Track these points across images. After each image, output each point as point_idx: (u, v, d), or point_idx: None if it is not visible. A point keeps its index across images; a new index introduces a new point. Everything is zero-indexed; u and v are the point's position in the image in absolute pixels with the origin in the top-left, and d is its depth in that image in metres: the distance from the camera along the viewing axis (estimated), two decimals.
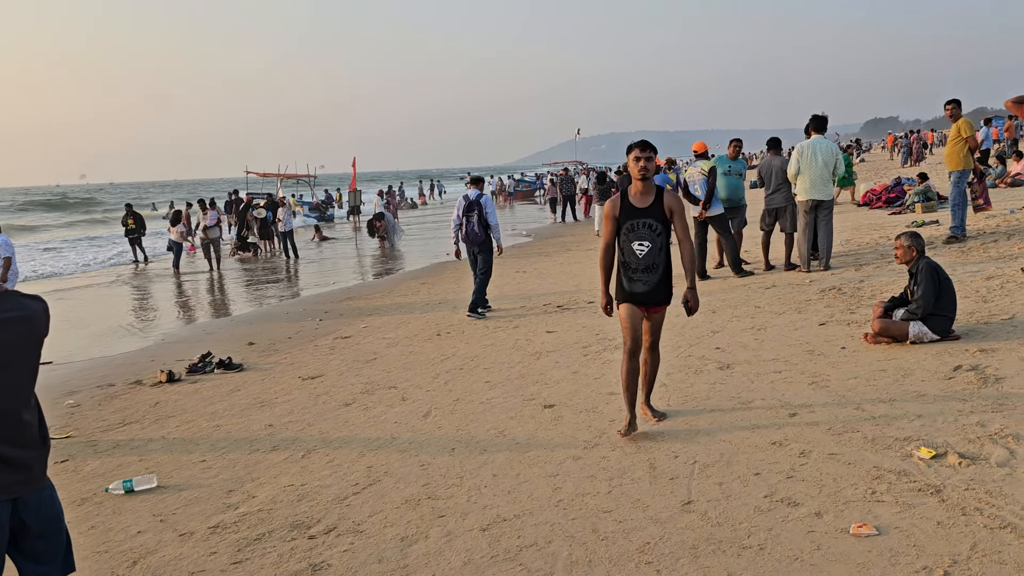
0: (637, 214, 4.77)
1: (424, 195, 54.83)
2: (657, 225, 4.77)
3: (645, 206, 4.78)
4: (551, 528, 3.82)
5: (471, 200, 9.83)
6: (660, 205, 4.79)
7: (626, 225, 4.79)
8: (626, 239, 4.81)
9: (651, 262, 4.78)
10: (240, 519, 4.32)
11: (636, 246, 4.77)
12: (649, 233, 4.76)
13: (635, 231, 4.77)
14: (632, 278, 4.83)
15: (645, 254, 4.77)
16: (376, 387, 6.92)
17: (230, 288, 16.45)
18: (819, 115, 10.07)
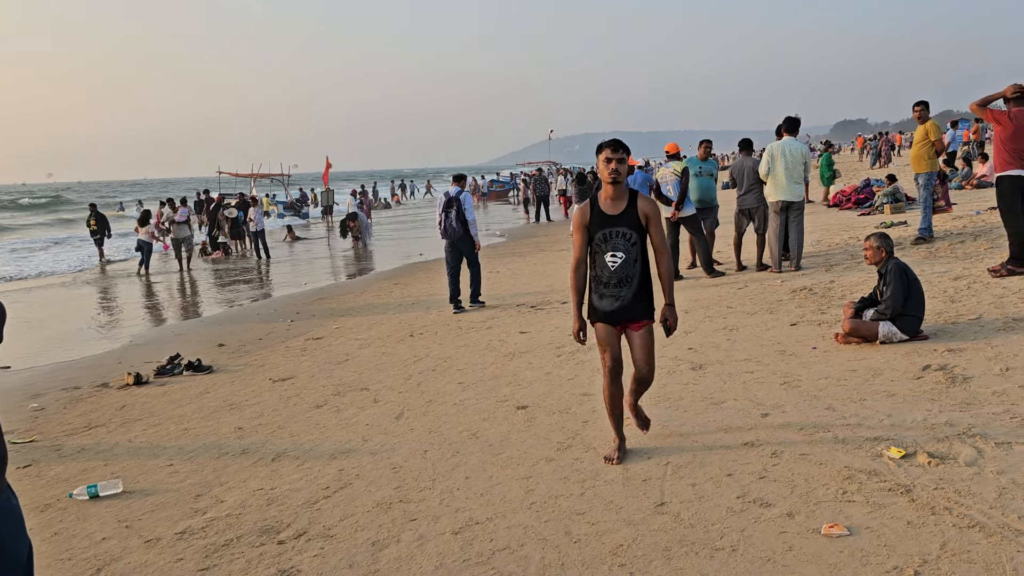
0: (609, 222, 4.27)
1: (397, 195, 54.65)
2: (631, 234, 4.27)
3: (617, 213, 4.28)
4: (524, 531, 3.79)
5: (451, 197, 10.17)
6: (634, 211, 4.29)
7: (598, 235, 4.29)
8: (598, 250, 4.31)
9: (624, 274, 4.28)
10: (208, 524, 4.25)
11: (608, 258, 4.27)
12: (623, 243, 4.27)
13: (608, 241, 4.27)
14: (603, 293, 4.34)
15: (618, 266, 4.27)
16: (348, 389, 6.85)
17: (200, 289, 16.25)
18: (792, 117, 10.16)
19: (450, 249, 10.36)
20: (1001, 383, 5.06)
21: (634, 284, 4.31)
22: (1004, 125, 7.87)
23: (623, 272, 4.29)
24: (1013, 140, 7.86)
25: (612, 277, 4.29)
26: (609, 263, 4.28)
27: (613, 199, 4.32)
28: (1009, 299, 7.07)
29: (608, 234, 4.28)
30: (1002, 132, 7.93)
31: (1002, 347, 5.77)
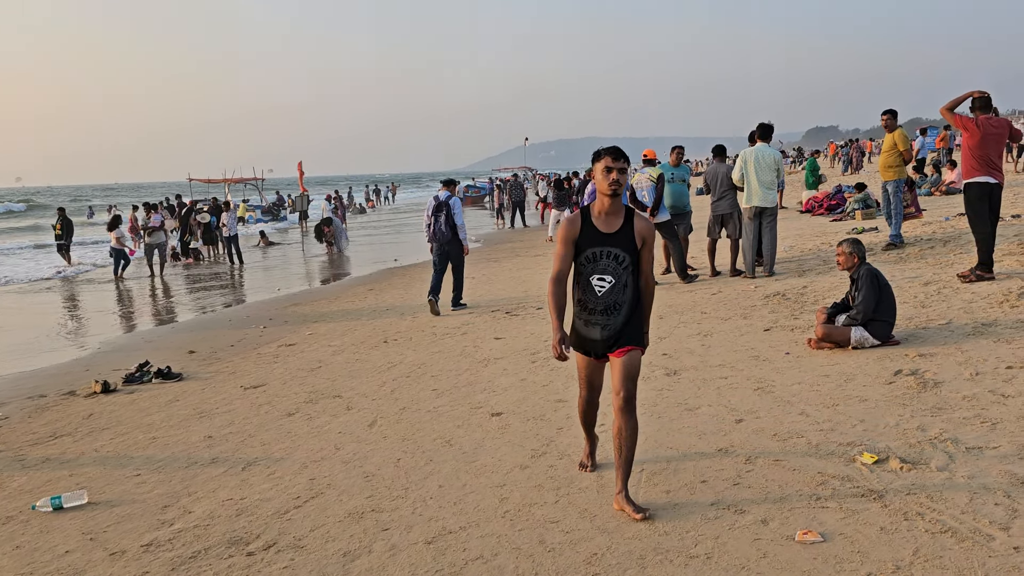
0: (601, 240, 3.82)
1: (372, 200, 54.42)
2: (624, 256, 3.82)
3: (612, 231, 3.83)
4: (497, 540, 3.75)
5: (440, 201, 10.23)
6: (630, 231, 3.84)
7: (586, 253, 3.83)
8: (584, 270, 3.86)
9: (613, 301, 3.86)
10: (175, 536, 4.16)
11: (595, 281, 3.83)
12: (613, 266, 3.82)
13: (596, 262, 3.82)
14: (589, 321, 3.91)
15: (605, 291, 3.84)
16: (320, 396, 6.77)
17: (171, 295, 16.04)
18: (764, 123, 10.24)
19: (439, 252, 10.38)
20: (971, 388, 5.11)
21: (623, 311, 3.88)
22: (972, 132, 7.97)
23: (611, 299, 3.86)
24: (980, 147, 7.97)
25: (599, 303, 3.86)
26: (596, 287, 3.85)
27: (608, 214, 3.85)
28: (978, 304, 7.15)
29: (598, 254, 3.83)
30: (970, 139, 8.03)
31: (972, 352, 5.83)
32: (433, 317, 10.16)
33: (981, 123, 7.95)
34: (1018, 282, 7.70)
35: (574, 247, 3.87)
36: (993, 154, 8.04)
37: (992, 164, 8.01)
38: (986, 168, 7.98)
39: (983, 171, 7.97)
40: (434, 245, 10.40)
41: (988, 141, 7.95)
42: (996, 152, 8.09)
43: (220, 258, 22.61)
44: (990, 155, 7.98)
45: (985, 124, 7.95)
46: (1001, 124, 8.11)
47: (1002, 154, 8.34)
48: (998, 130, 8.01)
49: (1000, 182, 8.05)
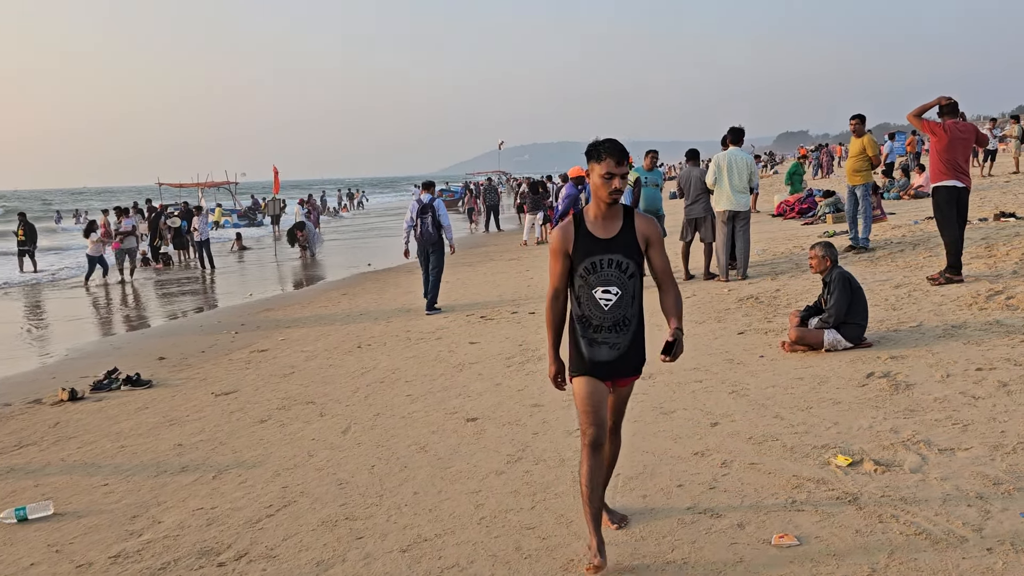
0: (600, 248, 3.34)
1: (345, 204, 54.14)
2: (628, 263, 3.34)
3: (611, 236, 3.35)
4: (473, 547, 3.72)
5: (424, 203, 10.53)
6: (631, 233, 3.37)
7: (585, 264, 3.35)
8: (584, 284, 3.37)
9: (621, 316, 3.36)
10: (144, 547, 4.07)
11: (600, 294, 3.33)
12: (618, 275, 3.33)
13: (598, 272, 3.33)
14: (594, 340, 3.39)
15: (613, 305, 3.34)
16: (293, 402, 6.69)
17: (141, 300, 15.81)
18: (736, 127, 10.29)
19: (422, 253, 10.67)
20: (942, 389, 5.16)
21: (632, 327, 3.41)
22: (939, 137, 8.08)
23: (619, 313, 3.36)
24: (948, 151, 8.08)
25: (606, 319, 3.36)
26: (601, 302, 3.34)
27: (605, 218, 3.38)
28: (948, 307, 7.24)
29: (598, 263, 3.34)
30: (937, 144, 8.13)
31: (942, 354, 5.89)
32: (407, 322, 10.10)
33: (948, 128, 8.05)
34: (986, 285, 7.81)
35: (567, 259, 3.40)
36: (960, 158, 8.15)
37: (960, 168, 8.11)
38: (954, 172, 8.08)
39: (951, 175, 8.07)
40: (418, 246, 10.66)
41: (955, 146, 8.06)
42: (963, 156, 8.20)
43: (191, 263, 22.34)
44: (957, 159, 8.09)
45: (952, 129, 8.06)
46: (968, 129, 8.22)
47: (969, 158, 8.46)
48: (965, 135, 8.13)
49: (967, 186, 8.16)
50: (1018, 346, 5.85)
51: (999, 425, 4.47)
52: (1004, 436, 4.31)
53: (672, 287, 3.44)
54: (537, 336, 8.35)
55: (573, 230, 3.41)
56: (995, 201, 15.12)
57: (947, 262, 8.22)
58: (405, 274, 15.92)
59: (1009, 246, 9.62)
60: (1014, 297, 7.21)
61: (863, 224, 11.00)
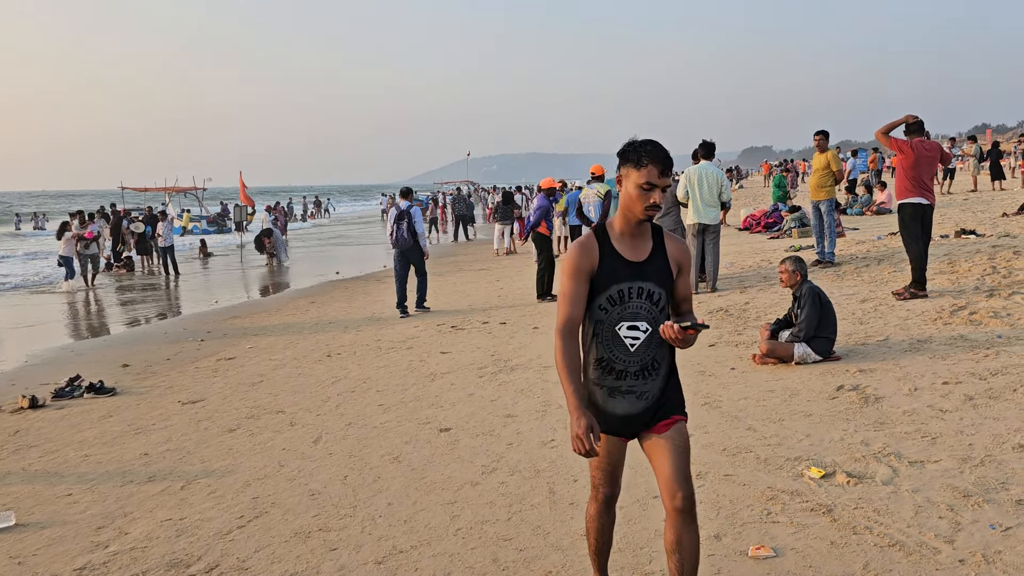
0: (629, 273, 2.70)
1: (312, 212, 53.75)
2: (660, 293, 2.73)
3: (642, 259, 2.73)
4: (450, 559, 3.68)
5: (401, 210, 10.95)
6: (663, 257, 2.76)
7: (609, 292, 2.70)
8: (606, 316, 2.71)
9: (650, 358, 2.73)
10: (110, 559, 3.97)
11: (626, 331, 2.70)
12: (648, 308, 2.71)
13: (624, 303, 2.70)
14: (615, 388, 2.73)
15: (641, 345, 2.70)
16: (262, 411, 6.59)
17: (104, 306, 15.51)
18: (707, 141, 10.41)
19: (399, 258, 11.08)
20: (910, 403, 5.24)
21: (663, 370, 2.77)
22: (906, 154, 8.24)
23: (648, 354, 2.72)
24: (914, 169, 8.25)
25: (631, 363, 2.71)
26: (627, 341, 2.70)
27: (634, 236, 2.75)
28: (913, 321, 7.37)
29: (626, 292, 2.69)
30: (904, 161, 8.30)
31: (909, 367, 5.99)
32: (377, 331, 10.03)
33: (915, 146, 8.22)
34: (950, 300, 7.97)
35: (586, 283, 2.71)
36: (926, 176, 8.32)
37: (925, 185, 8.29)
38: (919, 189, 8.25)
39: (916, 192, 8.24)
40: (395, 251, 11.11)
41: (921, 163, 8.23)
42: (928, 174, 8.38)
43: (155, 269, 21.99)
44: (923, 177, 8.26)
45: (919, 147, 8.23)
46: (933, 147, 8.40)
47: (934, 176, 8.65)
48: (931, 153, 8.30)
49: (932, 203, 8.34)
50: (982, 361, 5.97)
51: (966, 438, 4.55)
52: (972, 449, 4.39)
53: (692, 316, 2.84)
54: (508, 346, 8.34)
55: (597, 246, 2.72)
56: (955, 218, 15.48)
57: (912, 277, 8.37)
58: (374, 283, 15.84)
59: (970, 262, 9.83)
60: (977, 313, 7.37)
61: (828, 239, 11.18)
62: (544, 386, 6.59)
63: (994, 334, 6.65)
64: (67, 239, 18.06)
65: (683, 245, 2.84)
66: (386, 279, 16.31)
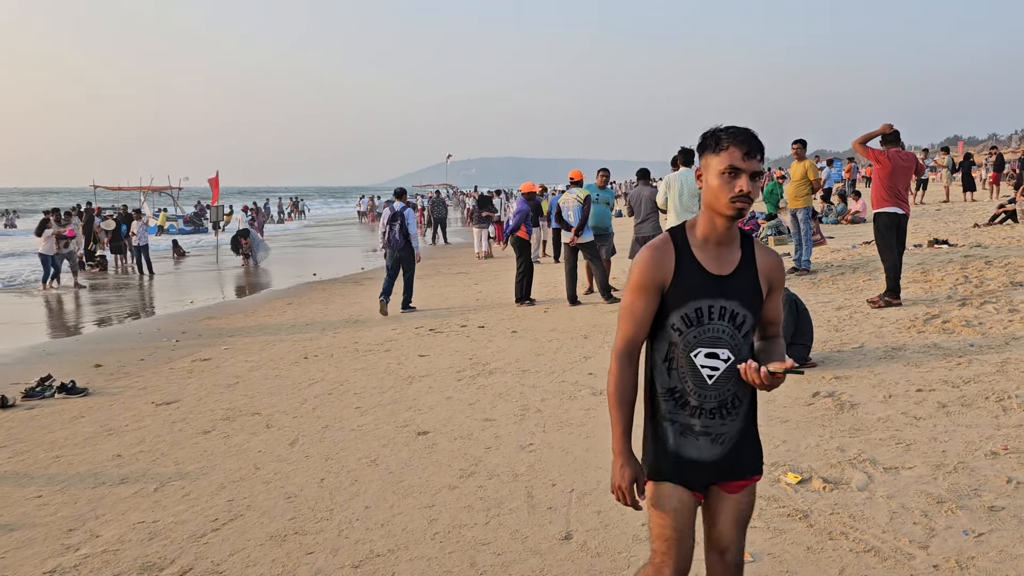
0: (711, 289, 2.24)
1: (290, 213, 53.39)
2: (745, 315, 2.26)
3: (728, 271, 2.27)
4: (427, 563, 3.66)
5: (395, 212, 11.17)
6: (752, 270, 2.29)
7: (685, 311, 2.24)
8: (680, 339, 2.25)
9: (731, 394, 2.26)
10: (81, 562, 3.91)
11: (703, 359, 2.23)
12: (730, 332, 2.24)
13: (703, 325, 2.23)
14: (688, 427, 2.26)
15: (720, 377, 2.24)
16: (238, 413, 6.53)
17: (77, 305, 15.29)
18: (687, 148, 10.46)
19: (392, 258, 11.28)
20: (885, 409, 5.30)
21: (743, 408, 2.31)
22: (883, 164, 8.34)
23: (728, 389, 2.26)
24: (891, 179, 8.35)
25: (708, 398, 2.24)
26: (704, 371, 2.23)
27: (720, 244, 2.28)
28: (888, 329, 7.45)
29: (705, 312, 2.23)
30: (881, 171, 8.40)
31: (884, 375, 6.05)
32: (355, 333, 9.97)
33: (892, 156, 8.33)
34: (923, 308, 8.07)
35: (659, 297, 2.27)
36: (901, 186, 8.43)
37: (900, 195, 8.40)
38: (895, 199, 8.36)
39: (892, 202, 8.35)
40: (387, 251, 11.28)
41: (897, 173, 8.34)
42: (904, 184, 8.49)
43: (129, 268, 21.73)
44: (899, 187, 8.37)
45: (895, 157, 8.34)
46: (909, 158, 8.52)
47: (909, 186, 8.77)
48: (907, 163, 8.42)
49: (907, 212, 8.45)
50: (955, 368, 6.05)
51: (940, 445, 4.61)
52: (945, 456, 4.44)
53: (781, 340, 2.42)
54: (487, 350, 8.33)
55: (673, 254, 2.26)
56: (928, 228, 15.69)
57: (887, 286, 8.47)
58: (352, 285, 15.76)
59: (943, 272, 9.97)
60: (949, 321, 7.47)
61: (804, 247, 11.29)
62: (522, 390, 6.58)
63: (966, 342, 6.75)
64: (47, 236, 17.75)
65: (777, 258, 2.35)
66: (364, 281, 16.25)
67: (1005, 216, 15.81)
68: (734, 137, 2.18)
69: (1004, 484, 4.01)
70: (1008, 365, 5.99)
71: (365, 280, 16.49)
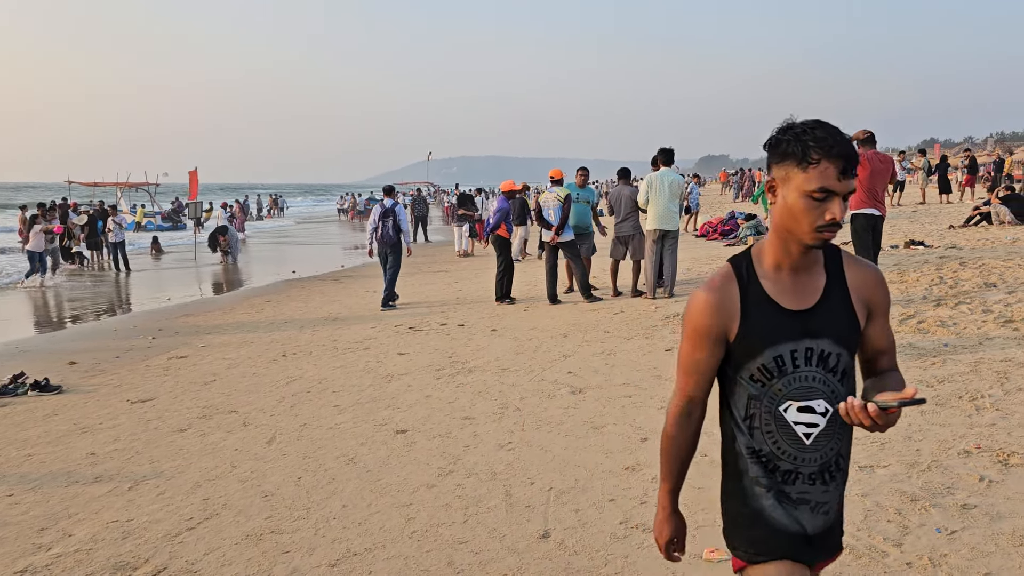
0: (793, 328, 1.82)
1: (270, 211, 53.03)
2: (840, 355, 1.83)
3: (809, 305, 1.84)
4: (404, 562, 3.65)
5: (387, 208, 11.46)
6: (842, 296, 1.86)
7: (764, 359, 1.83)
8: (762, 392, 1.84)
9: (833, 454, 1.85)
10: (53, 561, 3.86)
11: (796, 415, 1.82)
12: (823, 378, 1.82)
13: (789, 374, 1.82)
14: (784, 495, 1.85)
15: (820, 434, 1.82)
16: (215, 411, 6.47)
17: (51, 302, 15.10)
18: (667, 148, 10.50)
19: (382, 253, 11.53)
20: None
21: (844, 470, 1.88)
22: (863, 166, 8.41)
23: (830, 448, 1.84)
24: (868, 181, 8.42)
25: (806, 461, 1.83)
26: (799, 430, 1.81)
27: (797, 270, 1.84)
28: None
29: (789, 358, 1.81)
30: (860, 173, 8.47)
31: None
32: (334, 331, 9.92)
33: (871, 158, 8.40)
34: (899, 309, 8.15)
35: (725, 347, 1.85)
36: (879, 187, 8.51)
37: (877, 197, 8.48)
38: (872, 200, 8.43)
39: (870, 203, 8.42)
40: (379, 248, 11.50)
41: (875, 176, 8.41)
42: (881, 186, 8.57)
43: (106, 264, 21.50)
44: (876, 188, 8.45)
45: (874, 160, 8.41)
46: (887, 160, 8.60)
47: (886, 188, 8.85)
48: (884, 165, 8.49)
49: (884, 214, 8.53)
50: (929, 368, 6.12)
51: (914, 444, 4.65)
52: (919, 454, 4.49)
53: (897, 373, 1.93)
54: (467, 348, 8.32)
55: (737, 292, 1.83)
56: (904, 229, 15.86)
57: None
58: (331, 283, 15.68)
59: (919, 272, 10.08)
60: (925, 321, 7.55)
61: None
62: (501, 388, 6.58)
63: (941, 342, 6.82)
64: (35, 233, 17.49)
65: (875, 272, 1.89)
66: (344, 279, 16.18)
67: (980, 218, 16.02)
68: (829, 150, 1.70)
69: (977, 482, 4.06)
70: (981, 365, 6.06)
71: (344, 278, 16.42)
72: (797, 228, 1.75)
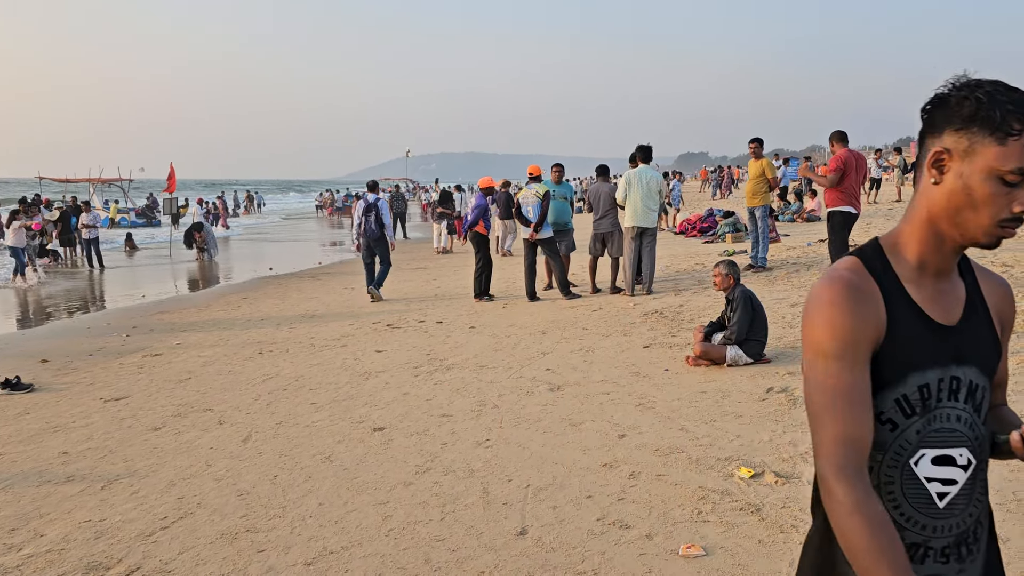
0: (942, 350, 1.37)
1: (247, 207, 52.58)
2: (984, 387, 1.40)
3: (957, 319, 1.40)
4: (381, 560, 3.63)
5: (369, 203, 11.54)
6: (984, 310, 1.45)
7: (900, 391, 1.36)
8: (892, 437, 1.36)
9: (973, 520, 1.40)
10: (24, 562, 3.80)
11: (931, 468, 1.36)
12: (969, 419, 1.38)
13: (930, 411, 1.36)
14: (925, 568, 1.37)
15: (959, 494, 1.37)
16: (190, 409, 6.40)
17: (23, 299, 14.89)
18: (645, 145, 10.53)
19: (367, 247, 11.72)
20: None
21: (987, 531, 1.46)
22: (847, 164, 8.50)
23: (969, 513, 1.41)
24: (846, 178, 8.51)
25: (939, 529, 1.38)
26: (934, 487, 1.38)
27: (940, 274, 1.43)
28: None
29: (934, 389, 1.37)
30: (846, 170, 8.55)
31: None
32: (311, 328, 9.86)
33: (847, 157, 8.48)
34: None
35: (868, 369, 1.36)
36: (856, 185, 8.61)
37: (854, 194, 8.57)
38: (849, 198, 8.53)
39: (846, 201, 8.52)
40: (362, 241, 11.66)
41: (852, 173, 8.51)
42: (859, 183, 8.68)
43: (79, 261, 21.22)
44: (853, 186, 8.54)
45: (849, 157, 8.50)
46: (862, 158, 8.70)
47: (861, 185, 8.95)
48: (860, 163, 8.59)
49: (858, 212, 8.62)
50: None
51: None
52: None
53: (1008, 408, 1.58)
54: (445, 345, 8.29)
55: (880, 294, 1.39)
56: (880, 227, 16.00)
57: None
58: (308, 280, 15.57)
59: None
60: None
61: (760, 244, 11.44)
62: (479, 385, 6.57)
63: None
64: (15, 228, 17.19)
65: (1005, 284, 1.53)
66: (321, 276, 16.08)
67: None
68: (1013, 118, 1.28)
69: None
70: None
71: (322, 275, 16.32)
72: (973, 219, 1.33)
